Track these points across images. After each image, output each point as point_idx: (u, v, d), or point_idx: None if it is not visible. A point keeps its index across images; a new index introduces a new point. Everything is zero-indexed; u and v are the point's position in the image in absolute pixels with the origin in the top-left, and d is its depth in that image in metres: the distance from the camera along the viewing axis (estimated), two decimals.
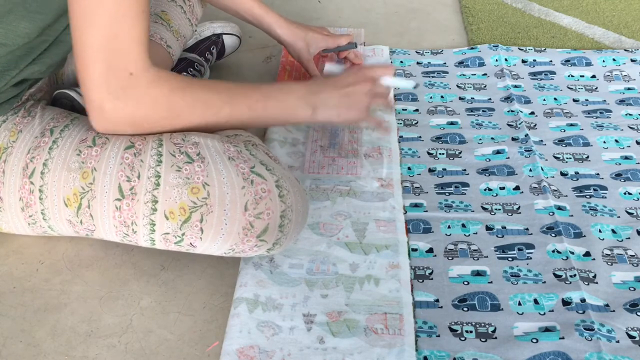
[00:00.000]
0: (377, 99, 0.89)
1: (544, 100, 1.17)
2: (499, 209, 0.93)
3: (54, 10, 0.75)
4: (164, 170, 0.73)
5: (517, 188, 0.97)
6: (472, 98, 1.18)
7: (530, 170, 0.99)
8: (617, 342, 0.74)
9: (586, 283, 0.81)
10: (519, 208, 0.93)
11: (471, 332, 0.76)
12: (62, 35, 0.79)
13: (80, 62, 0.70)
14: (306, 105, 0.84)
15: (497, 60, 1.28)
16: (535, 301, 0.79)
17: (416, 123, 1.12)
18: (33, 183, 0.76)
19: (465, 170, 1.01)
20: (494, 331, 0.76)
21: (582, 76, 1.24)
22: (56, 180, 0.75)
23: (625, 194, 0.96)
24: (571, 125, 1.10)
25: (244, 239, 0.74)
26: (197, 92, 0.77)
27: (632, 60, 1.26)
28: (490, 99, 1.18)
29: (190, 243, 0.74)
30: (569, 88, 1.21)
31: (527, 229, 0.89)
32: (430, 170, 1.01)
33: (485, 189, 0.97)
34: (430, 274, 0.83)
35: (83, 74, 0.70)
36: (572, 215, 0.91)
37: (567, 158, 1.03)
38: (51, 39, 0.78)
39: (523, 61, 1.28)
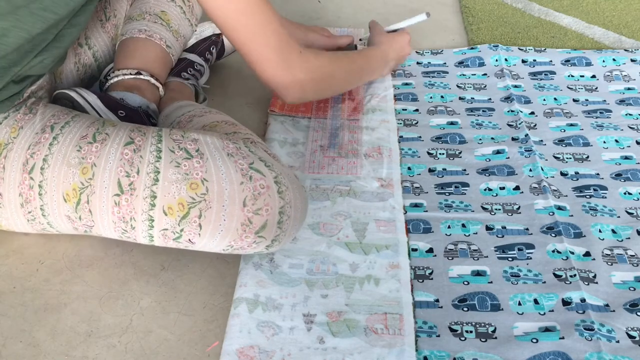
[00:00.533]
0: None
1: (544, 100, 1.17)
2: (499, 209, 0.93)
3: (66, 12, 0.75)
4: (163, 166, 0.73)
5: (517, 188, 0.97)
6: (472, 98, 1.18)
7: (530, 170, 0.99)
8: (617, 342, 0.74)
9: (586, 283, 0.81)
10: (519, 208, 0.93)
11: (471, 332, 0.76)
12: (64, 30, 0.79)
13: (260, 66, 0.87)
14: (385, 67, 1.18)
15: (497, 60, 1.28)
16: (535, 301, 0.79)
17: (416, 123, 1.12)
18: (33, 178, 0.76)
19: (465, 170, 1.01)
20: (494, 331, 0.76)
21: (582, 76, 1.24)
22: (56, 176, 0.75)
23: (625, 194, 0.96)
24: (571, 125, 1.10)
25: (243, 235, 0.74)
26: (342, 60, 1.03)
27: (632, 60, 1.26)
28: (490, 99, 1.18)
29: (189, 239, 0.75)
30: (569, 88, 1.21)
31: (527, 229, 0.89)
32: (430, 170, 1.01)
33: (485, 189, 0.97)
34: (430, 274, 0.83)
35: (269, 71, 0.88)
36: (572, 215, 0.91)
37: (567, 158, 1.03)
38: (52, 36, 0.78)
39: (523, 61, 1.28)
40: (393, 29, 1.21)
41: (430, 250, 0.87)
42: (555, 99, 1.18)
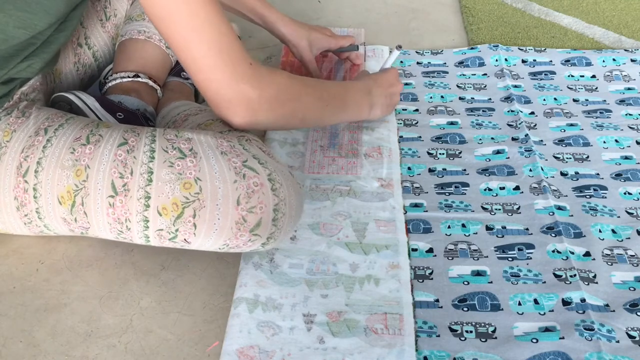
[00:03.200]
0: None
1: (544, 100, 1.17)
2: (499, 209, 0.93)
3: (42, 11, 0.75)
4: (156, 166, 0.73)
5: (517, 188, 0.97)
6: (472, 98, 1.18)
7: (530, 170, 0.99)
8: (617, 342, 0.74)
9: (586, 283, 0.81)
10: (519, 208, 0.93)
11: (471, 332, 0.76)
12: (52, 36, 0.80)
13: (206, 72, 0.74)
14: (367, 105, 1.00)
15: (497, 60, 1.28)
16: (535, 301, 0.79)
17: (416, 123, 1.12)
18: (27, 182, 0.76)
19: (465, 170, 1.01)
20: (494, 331, 0.76)
21: (582, 76, 1.24)
22: (50, 179, 0.75)
23: (625, 194, 0.96)
24: (571, 125, 1.10)
25: (238, 234, 0.74)
26: (306, 81, 0.88)
27: (632, 60, 1.26)
28: (490, 99, 1.18)
29: (185, 239, 0.75)
30: (569, 88, 1.21)
31: (527, 229, 0.89)
32: (430, 170, 1.01)
33: (485, 189, 0.97)
34: (430, 274, 0.83)
35: (215, 80, 0.75)
36: (572, 215, 0.91)
37: (567, 158, 1.03)
38: (39, 42, 0.78)
39: (523, 61, 1.28)
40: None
41: (430, 250, 0.87)
42: (555, 99, 1.18)
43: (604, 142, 1.06)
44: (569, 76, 1.24)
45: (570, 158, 1.03)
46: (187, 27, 0.72)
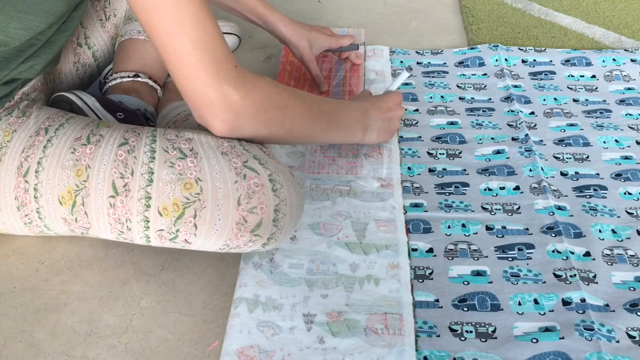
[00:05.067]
0: (399, 123, 1.04)
1: (544, 100, 1.17)
2: (499, 209, 0.93)
3: (44, 13, 0.75)
4: (157, 167, 0.73)
5: (517, 188, 0.97)
6: (472, 98, 1.18)
7: (530, 170, 0.99)
8: (617, 342, 0.74)
9: (586, 283, 0.81)
10: (519, 208, 0.93)
11: (471, 332, 0.76)
12: (53, 37, 0.80)
13: (187, 69, 0.70)
14: (361, 128, 0.95)
15: (497, 60, 1.28)
16: (535, 301, 0.79)
17: (416, 123, 1.12)
18: (28, 182, 0.76)
19: (465, 170, 1.01)
20: (494, 331, 0.76)
21: (582, 76, 1.24)
22: (50, 179, 0.75)
23: (625, 194, 0.96)
24: (571, 125, 1.10)
25: (238, 234, 0.73)
26: (295, 90, 0.82)
27: (632, 60, 1.26)
28: (490, 99, 1.18)
29: (185, 239, 0.74)
30: (569, 88, 1.21)
31: (527, 229, 0.89)
32: (430, 170, 1.01)
33: (485, 189, 0.97)
34: (430, 274, 0.83)
35: (196, 78, 0.70)
36: (572, 215, 0.91)
37: (567, 158, 1.03)
38: (41, 43, 0.78)
39: (523, 61, 1.28)
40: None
41: (430, 250, 0.87)
42: (555, 99, 1.18)
43: (604, 142, 1.06)
44: (569, 76, 1.24)
45: (570, 158, 1.03)
46: (171, 21, 0.68)
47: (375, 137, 0.98)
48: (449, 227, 0.90)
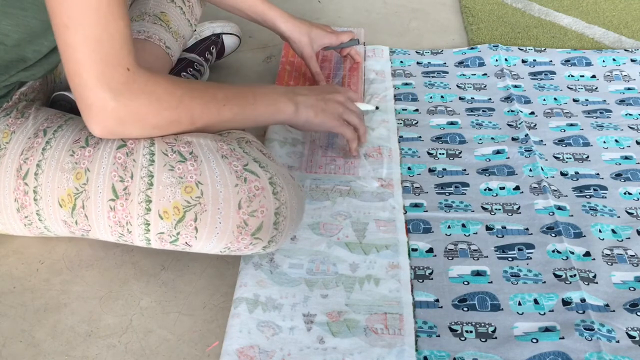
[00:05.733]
0: (350, 113, 0.95)
1: (544, 100, 1.17)
2: (499, 209, 0.93)
3: (33, 7, 0.74)
4: (156, 170, 0.73)
5: (517, 188, 0.97)
6: (472, 98, 1.18)
7: (530, 170, 0.99)
8: (617, 342, 0.74)
9: (586, 283, 0.81)
10: (519, 208, 0.93)
11: (471, 332, 0.76)
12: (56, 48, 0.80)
13: (72, 65, 0.67)
14: (289, 101, 0.87)
15: (497, 60, 1.28)
16: (535, 301, 0.79)
17: (416, 123, 1.12)
18: (27, 184, 0.76)
19: (465, 170, 1.01)
20: (494, 331, 0.76)
21: (582, 76, 1.24)
22: (50, 181, 0.75)
23: (625, 194, 0.96)
24: (571, 125, 1.10)
25: (239, 237, 0.74)
26: (194, 85, 0.78)
27: (632, 60, 1.26)
28: (490, 99, 1.18)
29: (186, 242, 0.74)
30: (569, 88, 1.21)
31: (527, 229, 0.89)
32: (430, 170, 1.01)
33: (485, 189, 0.97)
34: (430, 274, 0.83)
35: (78, 76, 0.67)
36: (572, 215, 0.91)
37: (567, 158, 1.03)
38: (45, 50, 0.78)
39: (523, 61, 1.28)
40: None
41: (430, 250, 0.87)
42: (555, 99, 1.18)
43: (604, 142, 1.06)
44: (569, 76, 1.24)
45: (570, 158, 1.03)
46: (71, 11, 0.64)
47: (313, 115, 0.89)
48: (449, 227, 0.90)
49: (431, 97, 1.19)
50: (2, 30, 0.74)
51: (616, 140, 1.06)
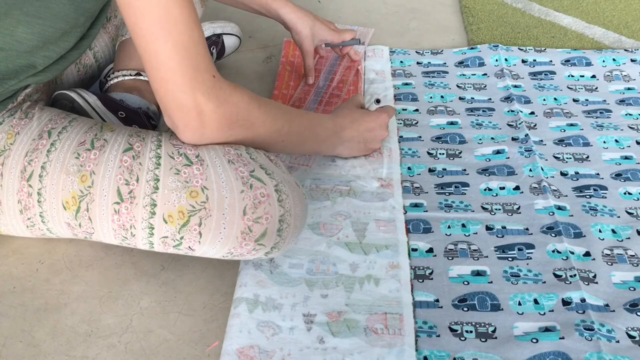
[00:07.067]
0: (379, 144, 1.02)
1: (544, 100, 1.17)
2: (499, 209, 0.93)
3: (52, 17, 0.74)
4: (162, 174, 0.73)
5: (517, 188, 0.97)
6: (472, 98, 1.18)
7: (530, 170, 0.99)
8: (617, 342, 0.74)
9: (586, 283, 0.81)
10: (519, 208, 0.93)
11: (471, 332, 0.76)
12: (67, 53, 0.80)
13: (160, 74, 0.69)
14: (331, 145, 0.95)
15: (497, 60, 1.28)
16: (535, 301, 0.79)
17: (416, 123, 1.12)
18: (31, 186, 0.76)
19: (465, 170, 1.01)
20: (494, 331, 0.76)
21: (582, 76, 1.24)
22: (55, 184, 0.75)
23: (625, 194, 0.96)
24: (571, 125, 1.10)
25: (242, 243, 0.73)
26: (267, 103, 0.80)
27: (632, 60, 1.26)
28: (490, 99, 1.18)
29: (189, 246, 0.74)
30: (569, 88, 1.21)
31: (527, 229, 0.89)
32: (430, 170, 1.01)
33: (485, 189, 0.97)
34: (430, 274, 0.83)
35: (172, 83, 0.69)
36: (572, 215, 0.91)
37: (567, 158, 1.03)
38: (55, 56, 0.78)
39: (523, 61, 1.28)
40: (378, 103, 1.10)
41: (430, 250, 0.87)
42: (555, 99, 1.18)
43: (604, 142, 1.06)
44: (569, 76, 1.24)
45: (570, 158, 1.03)
46: (156, 22, 0.67)
47: (347, 153, 0.99)
48: (449, 227, 0.90)
49: (431, 97, 1.19)
50: (17, 38, 0.73)
51: (616, 140, 1.06)
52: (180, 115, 0.71)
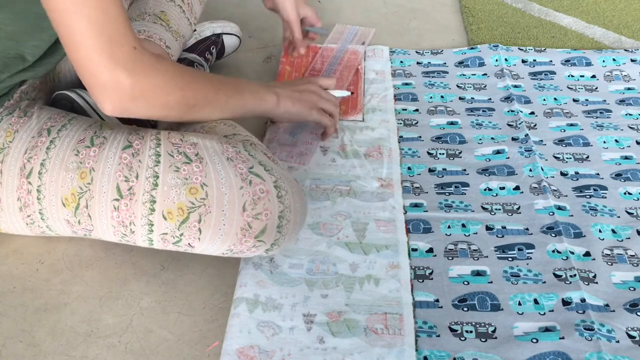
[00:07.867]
0: (325, 101, 1.00)
1: (544, 100, 1.17)
2: (499, 209, 0.93)
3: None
4: (162, 171, 0.73)
5: (517, 188, 0.97)
6: (472, 98, 1.18)
7: (530, 170, 0.99)
8: (617, 342, 0.74)
9: (586, 283, 0.81)
10: (519, 208, 0.93)
11: (471, 332, 0.76)
12: (57, 45, 0.79)
13: (82, 50, 0.68)
14: (270, 91, 0.92)
15: (497, 60, 1.28)
16: (535, 301, 0.79)
17: (416, 123, 1.12)
18: (31, 183, 0.76)
19: (465, 170, 1.01)
20: (494, 331, 0.76)
21: (582, 76, 1.24)
22: (54, 181, 0.75)
23: (625, 194, 0.96)
24: (571, 125, 1.10)
25: (242, 240, 0.74)
26: (193, 69, 0.81)
27: (632, 60, 1.26)
28: (490, 99, 1.18)
29: (189, 243, 0.75)
30: (569, 88, 1.21)
31: (527, 229, 0.89)
32: (430, 170, 1.01)
33: (485, 189, 0.97)
34: (430, 274, 0.83)
35: (86, 59, 0.68)
36: (572, 215, 0.91)
37: (567, 158, 1.03)
38: (44, 45, 0.78)
39: (523, 61, 1.28)
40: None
41: (430, 250, 0.87)
42: (555, 99, 1.18)
43: (604, 142, 1.06)
44: (569, 76, 1.24)
45: (570, 158, 1.03)
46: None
47: (291, 104, 0.94)
48: (449, 227, 0.90)
49: (431, 97, 1.19)
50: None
51: (616, 140, 1.06)
52: (102, 91, 0.70)
